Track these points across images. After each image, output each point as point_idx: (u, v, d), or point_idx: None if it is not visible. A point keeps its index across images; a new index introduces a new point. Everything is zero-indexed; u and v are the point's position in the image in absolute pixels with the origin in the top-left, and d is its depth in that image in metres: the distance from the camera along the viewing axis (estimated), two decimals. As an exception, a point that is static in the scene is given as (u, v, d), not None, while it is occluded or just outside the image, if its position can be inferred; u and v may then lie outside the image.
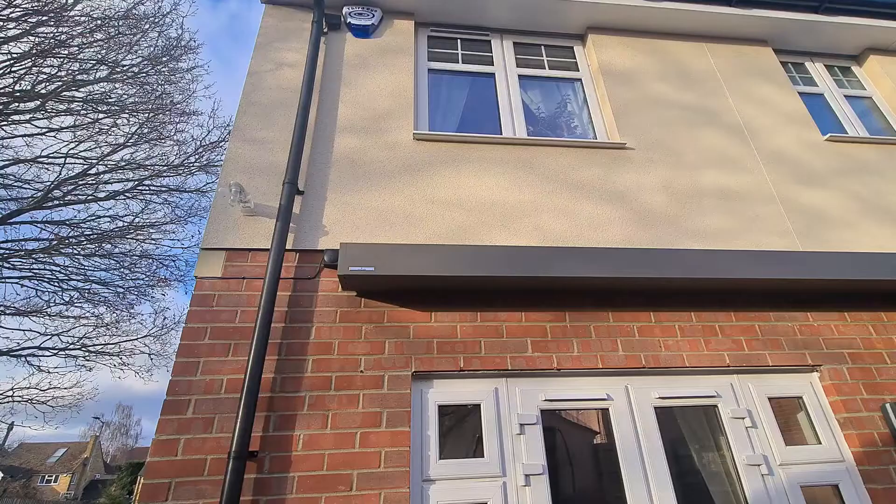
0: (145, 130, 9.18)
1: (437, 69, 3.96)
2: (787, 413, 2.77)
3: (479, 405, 2.47)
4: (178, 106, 9.56)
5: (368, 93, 3.53)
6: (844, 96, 4.39)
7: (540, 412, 2.48)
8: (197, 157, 9.58)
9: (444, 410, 2.46)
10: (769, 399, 2.69)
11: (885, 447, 2.57)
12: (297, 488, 2.12)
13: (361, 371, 2.43)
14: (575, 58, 4.28)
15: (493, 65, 4.06)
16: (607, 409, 2.55)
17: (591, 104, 3.97)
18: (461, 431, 2.48)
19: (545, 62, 4.21)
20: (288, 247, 2.71)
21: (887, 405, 2.66)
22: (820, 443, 2.61)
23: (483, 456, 2.34)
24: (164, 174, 9.60)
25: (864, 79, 4.60)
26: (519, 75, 4.03)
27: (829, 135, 3.81)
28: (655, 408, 2.59)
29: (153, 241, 9.89)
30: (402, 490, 2.15)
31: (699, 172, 3.51)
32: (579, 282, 2.77)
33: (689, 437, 2.72)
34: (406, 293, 2.69)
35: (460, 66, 4.02)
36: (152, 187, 9.61)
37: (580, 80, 4.14)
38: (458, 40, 4.18)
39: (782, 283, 2.93)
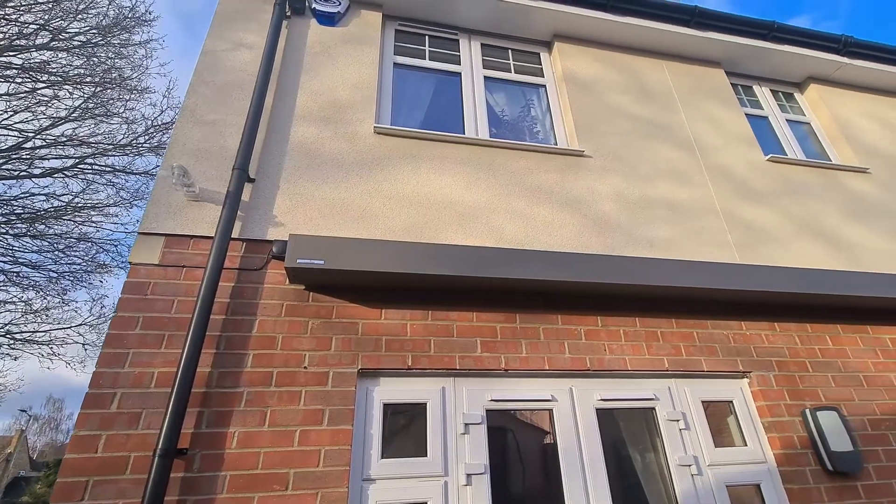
0: (90, 105, 8.57)
1: (402, 64, 3.91)
2: (719, 416, 2.92)
3: (426, 404, 2.45)
4: (129, 81, 8.99)
5: (330, 82, 3.43)
6: (786, 120, 4.68)
7: (485, 412, 2.49)
8: (147, 137, 9.05)
9: (389, 409, 2.42)
10: (702, 402, 2.83)
11: (802, 450, 2.76)
12: (228, 488, 2.02)
13: (305, 367, 2.35)
14: (541, 64, 4.34)
15: (459, 64, 4.05)
16: (551, 410, 2.60)
17: (553, 110, 4.04)
18: (406, 430, 2.45)
19: (511, 66, 4.24)
20: (234, 236, 2.60)
21: (807, 411, 2.85)
22: (746, 445, 2.77)
23: (426, 455, 2.32)
24: (110, 153, 9.00)
25: (805, 106, 4.93)
26: (485, 76, 4.05)
27: (771, 156, 4.06)
28: (597, 409, 2.66)
29: (93, 224, 9.26)
30: (340, 489, 2.09)
31: (651, 184, 3.64)
32: (532, 284, 2.80)
33: (627, 437, 2.81)
34: (357, 289, 2.63)
35: (427, 63, 3.99)
36: (95, 166, 8.99)
37: (545, 86, 4.20)
38: (427, 37, 4.15)
39: (721, 293, 3.09)
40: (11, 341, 8.82)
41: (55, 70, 8.22)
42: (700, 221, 3.52)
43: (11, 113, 8.13)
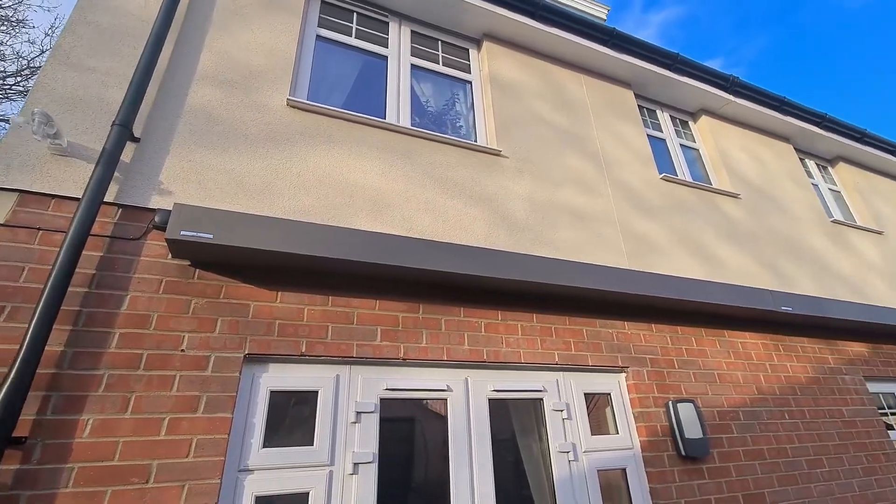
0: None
1: (326, 38, 3.73)
2: (598, 407, 3.18)
3: (317, 392, 2.37)
4: (1, 10, 7.60)
5: (242, 45, 3.17)
6: (680, 145, 5.21)
7: (379, 401, 2.47)
8: (21, 78, 7.72)
9: (277, 397, 2.31)
10: (585, 394, 3.06)
11: (663, 437, 3.10)
12: (75, 481, 1.79)
13: (183, 350, 2.15)
14: (469, 60, 4.39)
15: (387, 47, 3.96)
16: (445, 400, 2.65)
17: (476, 108, 4.11)
18: (293, 419, 2.35)
19: (440, 57, 4.24)
20: (108, 200, 2.30)
21: (670, 402, 3.21)
22: (618, 433, 3.04)
23: (312, 444, 2.25)
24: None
25: (696, 134, 5.52)
26: (412, 64, 4.00)
27: (664, 174, 4.49)
28: (490, 399, 2.76)
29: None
30: (211, 481, 1.95)
31: (560, 189, 3.85)
32: (440, 276, 2.83)
33: (517, 426, 2.96)
34: (251, 269, 2.47)
35: (353, 41, 3.84)
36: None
37: (471, 82, 4.26)
38: (355, 13, 3.99)
39: (612, 295, 3.36)
40: None
41: None
42: (599, 228, 3.80)
43: None
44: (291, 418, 2.35)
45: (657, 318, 3.63)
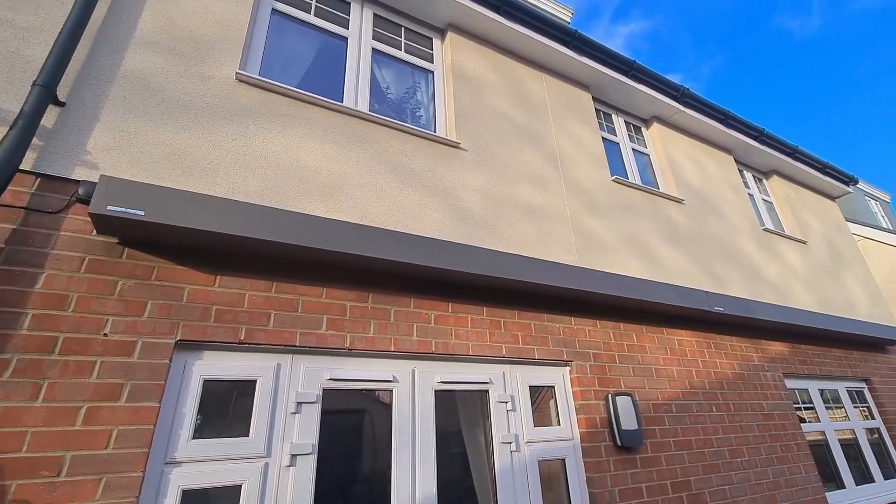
0: None
1: (283, 12, 3.56)
2: (543, 399, 3.26)
3: (256, 381, 2.27)
4: None
5: (189, 11, 2.96)
6: (632, 149, 5.41)
7: (322, 391, 2.41)
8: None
9: (211, 386, 2.19)
10: (530, 387, 3.13)
11: (602, 428, 3.23)
12: (-29, 476, 1.62)
13: (105, 334, 2.00)
14: (432, 49, 4.33)
15: (348, 28, 3.83)
16: (391, 391, 2.62)
17: (437, 99, 4.07)
18: (228, 409, 2.25)
19: (403, 44, 4.15)
20: (25, 167, 2.09)
21: (609, 395, 3.34)
22: (559, 425, 3.14)
23: (248, 435, 2.16)
24: None
25: (648, 140, 5.76)
26: (373, 48, 3.89)
27: (615, 177, 4.65)
28: (436, 391, 2.76)
29: None
30: (132, 474, 1.83)
31: (515, 185, 3.89)
32: (392, 266, 2.79)
33: (462, 418, 2.98)
34: (188, 250, 2.33)
35: (311, 19, 3.69)
36: None
37: (433, 72, 4.21)
38: (315, -10, 3.83)
39: (562, 291, 3.44)
40: None
41: None
42: (552, 225, 3.88)
43: None
44: (226, 408, 2.24)
45: (602, 315, 3.77)
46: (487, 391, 2.95)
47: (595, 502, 2.93)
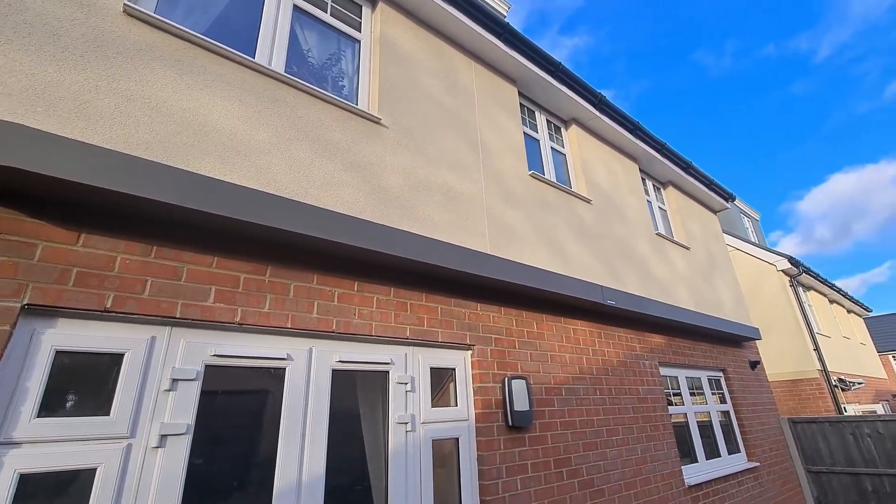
0: None
1: (191, -54, 3.15)
2: (443, 381, 3.33)
3: (123, 355, 2.04)
4: None
5: (66, -80, 2.50)
6: (551, 148, 5.66)
7: (204, 367, 2.23)
8: None
9: (65, 358, 1.93)
10: (431, 368, 3.18)
11: (496, 409, 3.39)
12: None
13: (-79, 292, 1.66)
14: (361, 18, 4.13)
15: (268, -21, 3.51)
16: (284, 369, 2.51)
17: (362, 70, 3.91)
18: (88, 384, 1.99)
19: (329, 6, 3.91)
20: None
21: (506, 378, 3.51)
22: (456, 405, 3.24)
23: (109, 414, 1.94)
24: None
25: (566, 140, 6.06)
26: (295, 5, 3.62)
27: (532, 172, 4.83)
28: (334, 370, 2.69)
29: None
30: (-52, 458, 1.55)
31: (437, 169, 3.88)
32: (296, 238, 2.65)
33: (361, 398, 2.95)
34: (46, 201, 2.00)
35: (225, -40, 3.32)
36: None
37: (360, 42, 4.02)
38: (233, -71, 3.45)
39: (472, 277, 3.52)
40: None
41: None
42: (468, 212, 3.94)
43: None
44: (84, 384, 1.99)
45: (507, 302, 3.93)
46: (388, 372, 2.95)
47: (483, 478, 3.08)
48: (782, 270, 11.43)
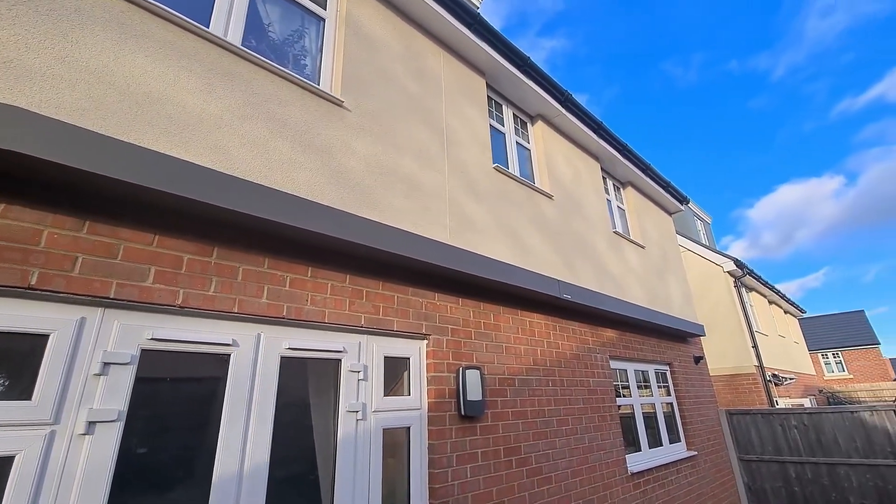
0: None
1: None
2: (397, 370, 3.32)
3: (48, 336, 1.90)
4: None
5: None
6: (516, 142, 5.71)
7: (140, 351, 2.11)
8: None
9: (-20, 337, 1.77)
10: (385, 357, 3.15)
11: (449, 399, 3.41)
12: None
13: None
14: (327, -5, 3.99)
15: (227, -56, 3.31)
16: (228, 355, 2.42)
17: (325, 50, 3.78)
18: (9, 367, 1.84)
19: (293, -20, 3.75)
20: None
21: (461, 369, 3.54)
22: (409, 395, 3.23)
23: (30, 399, 1.80)
24: None
25: (531, 136, 6.13)
26: (256, -24, 3.44)
27: (496, 165, 4.86)
28: (283, 357, 2.62)
29: None
30: None
31: (400, 156, 3.82)
32: (247, 220, 2.54)
33: (312, 387, 2.89)
34: (-41, 166, 1.82)
35: (180, -80, 3.10)
36: None
37: (324, 20, 3.88)
38: None
39: (430, 267, 3.51)
40: None
41: None
42: (430, 202, 3.91)
43: None
44: (3, 366, 1.84)
45: (465, 293, 3.95)
46: (340, 360, 2.90)
47: (433, 466, 3.10)
48: (728, 272, 12.10)
